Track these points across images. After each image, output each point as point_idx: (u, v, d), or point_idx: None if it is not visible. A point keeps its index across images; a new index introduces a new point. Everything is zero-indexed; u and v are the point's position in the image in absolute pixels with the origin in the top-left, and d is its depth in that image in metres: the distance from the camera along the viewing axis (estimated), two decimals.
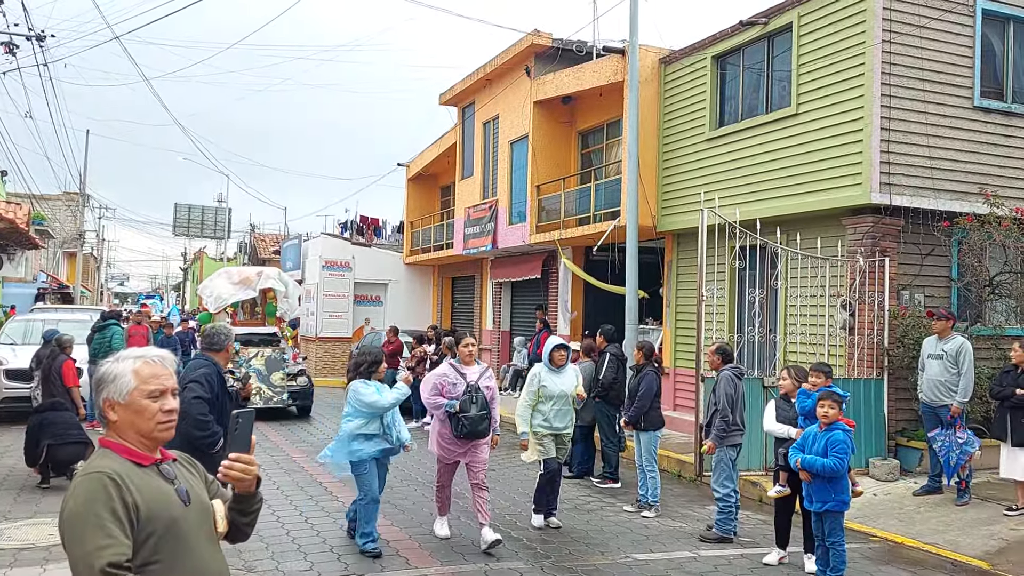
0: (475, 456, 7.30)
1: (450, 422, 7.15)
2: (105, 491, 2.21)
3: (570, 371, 8.08)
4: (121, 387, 2.40)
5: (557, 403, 7.90)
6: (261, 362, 15.40)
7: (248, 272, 17.19)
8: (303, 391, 15.65)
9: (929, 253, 10.70)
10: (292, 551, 6.99)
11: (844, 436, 6.22)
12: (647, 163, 13.88)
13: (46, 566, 6.26)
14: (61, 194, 41.59)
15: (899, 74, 10.32)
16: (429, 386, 7.25)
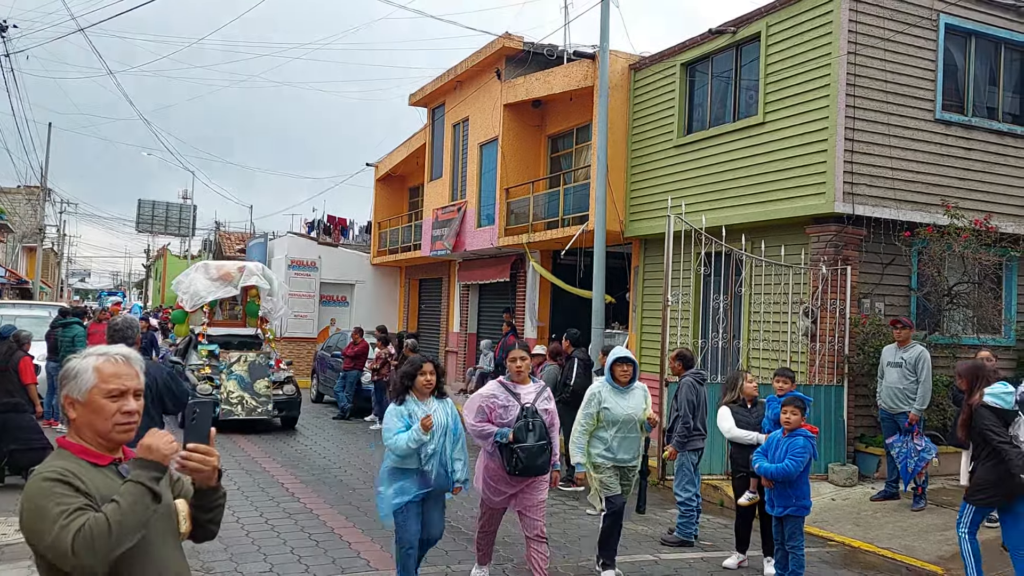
0: (530, 498, 5.92)
1: (501, 455, 5.79)
2: (60, 486, 2.19)
3: (638, 391, 6.59)
4: (81, 384, 2.34)
5: (622, 429, 6.47)
6: (243, 368, 14.01)
7: (229, 267, 15.42)
8: (290, 401, 14.12)
9: (890, 263, 10.88)
10: (252, 552, 6.92)
11: (805, 442, 6.30)
12: (616, 168, 13.96)
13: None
14: (21, 187, 40.81)
15: (863, 86, 10.48)
16: (474, 409, 5.89)
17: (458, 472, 5.67)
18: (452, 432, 5.67)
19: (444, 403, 5.73)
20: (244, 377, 13.85)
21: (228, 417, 13.30)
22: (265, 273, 15.51)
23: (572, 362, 10.31)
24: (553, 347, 11.11)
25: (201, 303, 14.83)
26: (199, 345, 14.44)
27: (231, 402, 13.55)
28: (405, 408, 5.61)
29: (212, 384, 13.54)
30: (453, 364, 21.34)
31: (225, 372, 13.80)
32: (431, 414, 5.48)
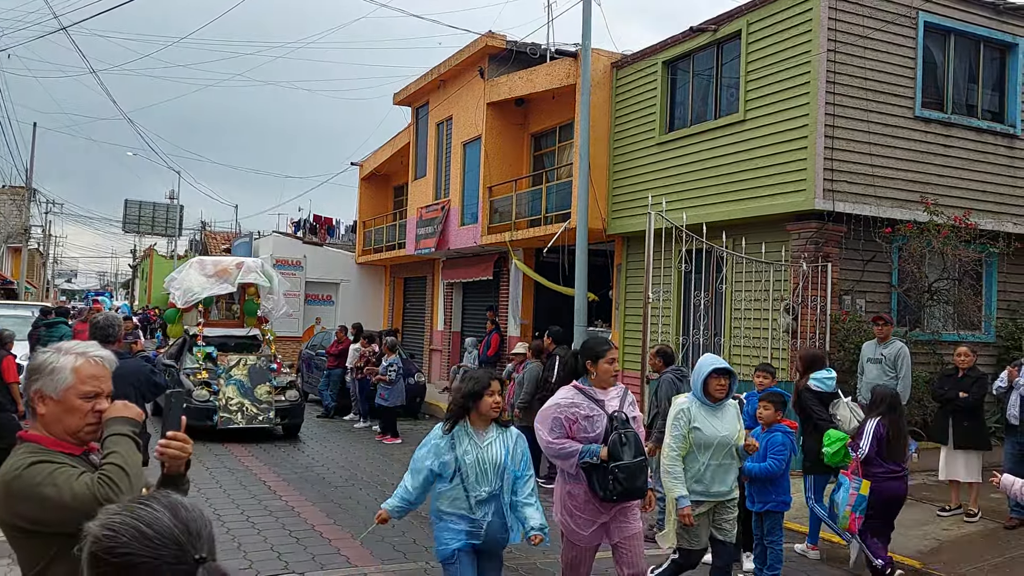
0: (626, 526, 4.91)
1: (589, 478, 4.70)
2: (46, 464, 2.23)
3: (731, 408, 5.48)
4: (57, 382, 2.33)
5: (716, 455, 5.32)
6: (243, 372, 13.00)
7: (226, 263, 14.38)
8: (293, 407, 13.08)
9: (871, 259, 10.94)
10: (232, 549, 6.89)
11: (784, 438, 6.34)
12: (598, 166, 13.97)
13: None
14: (6, 188, 40.50)
15: (843, 83, 10.53)
16: (548, 423, 4.74)
17: (532, 519, 4.41)
18: (513, 472, 4.44)
19: (505, 434, 4.50)
20: (244, 382, 12.86)
21: (227, 426, 12.33)
22: (264, 270, 14.52)
23: (554, 360, 10.31)
24: (535, 344, 11.11)
25: (195, 300, 13.77)
26: (195, 347, 13.48)
27: (230, 409, 12.52)
28: (451, 440, 4.40)
29: (209, 390, 12.59)
30: (438, 362, 21.32)
31: (224, 376, 12.83)
32: (383, 510, 4.49)
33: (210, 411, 12.21)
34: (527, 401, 10.36)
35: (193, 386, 12.47)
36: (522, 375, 10.67)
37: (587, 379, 4.85)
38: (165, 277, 18.28)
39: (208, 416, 12.12)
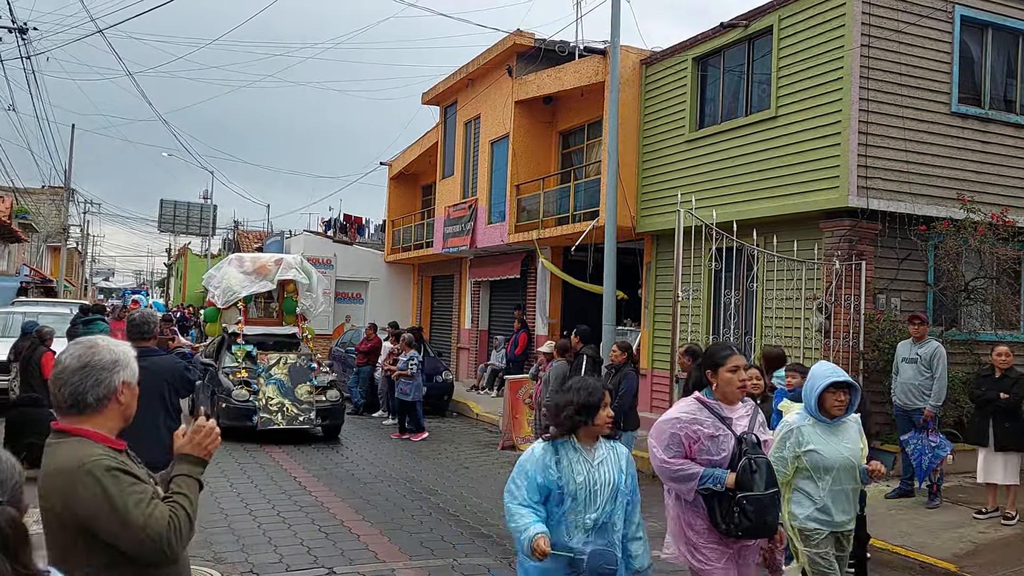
0: (744, 571, 4.20)
1: (710, 507, 4.06)
2: (123, 475, 2.25)
3: (851, 425, 4.73)
4: (134, 370, 2.43)
5: (839, 479, 4.59)
6: (283, 371, 12.68)
7: (264, 260, 14.05)
8: (334, 408, 12.64)
9: (906, 257, 10.76)
10: (263, 543, 6.94)
11: None
12: (627, 164, 13.89)
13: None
14: (45, 188, 41.23)
15: (877, 79, 10.37)
16: (665, 438, 4.11)
17: (638, 558, 3.84)
18: (624, 493, 3.77)
19: (614, 448, 3.84)
20: (284, 382, 12.52)
21: (267, 427, 12.01)
22: (304, 267, 14.12)
23: (580, 359, 10.27)
24: (561, 343, 11.08)
25: (235, 299, 13.46)
26: (234, 345, 13.23)
27: (270, 409, 12.16)
28: (554, 455, 3.71)
29: (249, 389, 12.29)
30: (465, 361, 21.35)
31: (263, 376, 12.50)
32: (540, 536, 3.52)
33: (250, 411, 12.01)
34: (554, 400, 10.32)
35: (232, 386, 12.29)
36: (548, 373, 10.64)
37: (710, 391, 4.17)
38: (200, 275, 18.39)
39: (248, 416, 11.97)
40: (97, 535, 2.19)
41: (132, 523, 2.18)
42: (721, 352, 4.23)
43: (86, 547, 2.20)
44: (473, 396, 17.70)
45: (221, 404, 12.07)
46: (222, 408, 12.01)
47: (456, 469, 10.64)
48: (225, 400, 12.11)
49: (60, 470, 2.23)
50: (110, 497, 2.18)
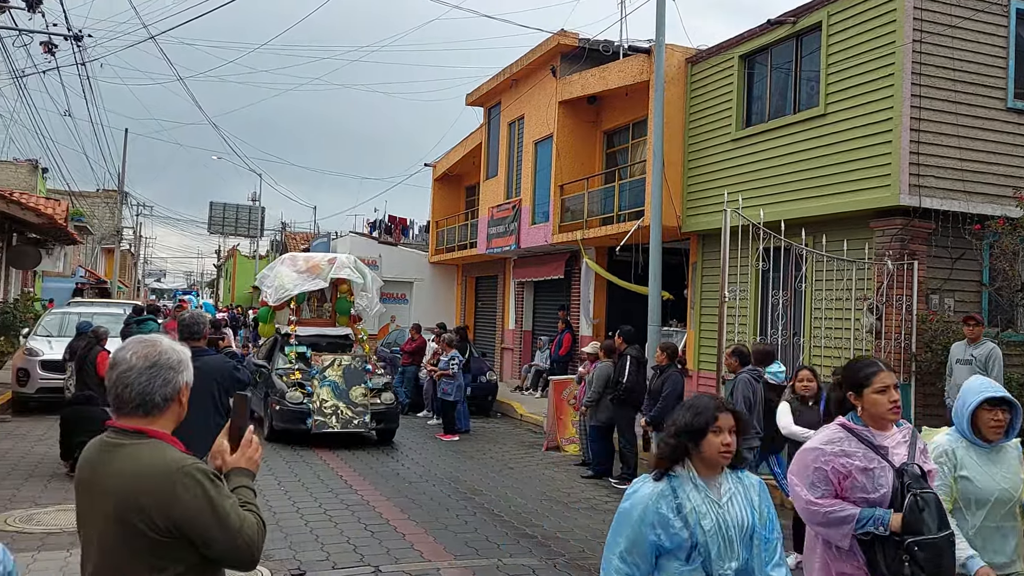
0: None
1: (870, 556, 3.35)
2: (218, 481, 2.26)
3: (1011, 452, 3.89)
4: (192, 371, 2.41)
5: (993, 514, 3.79)
6: (338, 374, 12.34)
7: (317, 259, 13.79)
8: (389, 412, 12.24)
9: (960, 257, 10.52)
10: (310, 541, 7.04)
11: None
12: (672, 163, 13.80)
13: (72, 551, 6.35)
14: (100, 191, 42.31)
15: (930, 74, 10.16)
16: (809, 474, 3.43)
17: None
18: (762, 535, 3.02)
19: (742, 479, 3.09)
20: (338, 384, 12.17)
21: (322, 430, 11.67)
22: (357, 266, 13.74)
23: (624, 360, 10.23)
24: (607, 344, 11.03)
25: (287, 297, 13.18)
26: (287, 346, 12.92)
27: (324, 413, 11.81)
28: (673, 499, 2.92)
29: (303, 391, 11.97)
30: (509, 361, 21.40)
31: (318, 378, 12.17)
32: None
33: (304, 414, 11.72)
34: (594, 400, 10.34)
35: (286, 388, 11.99)
36: (591, 374, 10.63)
37: (856, 415, 3.50)
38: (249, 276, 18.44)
39: (302, 419, 11.69)
40: (187, 537, 2.17)
41: (230, 527, 2.19)
42: (865, 370, 3.50)
43: (171, 550, 2.18)
44: (517, 397, 17.73)
45: (275, 406, 11.87)
46: (276, 411, 11.82)
47: (500, 469, 10.67)
48: (279, 402, 11.87)
49: (152, 471, 2.17)
50: (211, 500, 2.17)
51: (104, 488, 2.20)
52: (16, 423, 12.54)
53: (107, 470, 2.21)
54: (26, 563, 6.11)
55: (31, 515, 7.45)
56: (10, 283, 24.24)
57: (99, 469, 2.24)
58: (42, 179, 32.19)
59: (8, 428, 11.83)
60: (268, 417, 12.06)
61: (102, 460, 2.24)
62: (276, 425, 11.82)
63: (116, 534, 2.18)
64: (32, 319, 18.23)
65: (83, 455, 2.32)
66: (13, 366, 14.20)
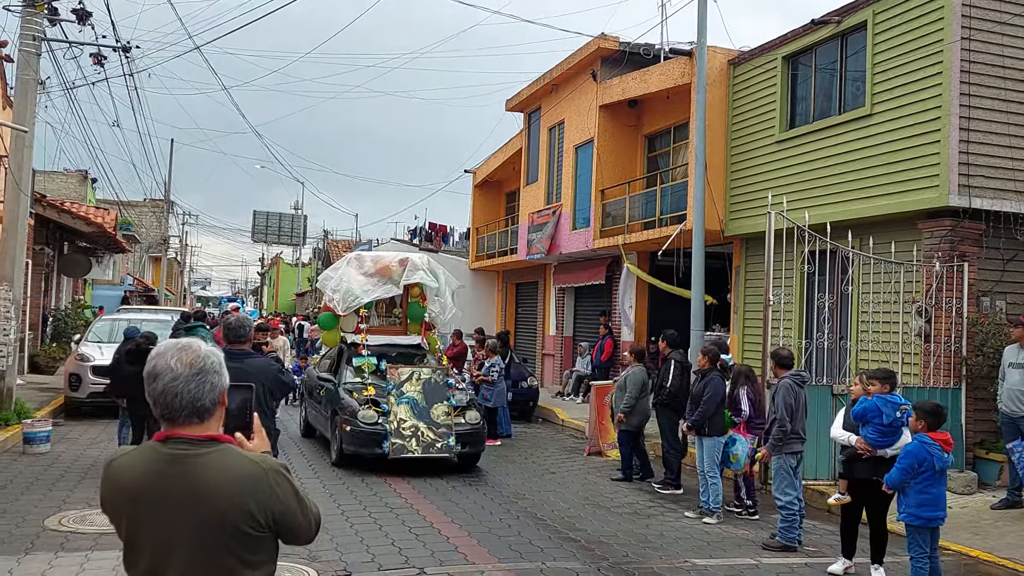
0: None
1: None
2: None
3: None
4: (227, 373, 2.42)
5: None
6: (417, 389, 10.64)
7: (387, 260, 12.23)
8: (474, 433, 10.57)
9: (1012, 258, 10.28)
10: (355, 543, 7.10)
11: (916, 447, 5.95)
12: (715, 166, 13.68)
13: None
14: (147, 201, 43.20)
15: (979, 72, 9.96)
16: None
17: None
18: None
19: None
20: (418, 401, 10.51)
21: (400, 455, 10.07)
22: (431, 267, 12.37)
23: (668, 364, 10.16)
24: (637, 348, 11.07)
25: (356, 305, 11.64)
26: (355, 358, 11.33)
27: (403, 434, 10.18)
28: None
29: (378, 410, 10.36)
30: (550, 367, 21.36)
31: (394, 394, 10.51)
32: None
33: (379, 437, 10.11)
34: (631, 405, 10.29)
35: (358, 406, 10.40)
36: (623, 379, 10.57)
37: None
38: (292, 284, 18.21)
39: (377, 442, 10.08)
40: (280, 529, 2.30)
41: (310, 512, 2.37)
42: None
43: (264, 543, 2.28)
44: (559, 403, 17.69)
45: (345, 427, 10.23)
46: (346, 432, 10.21)
47: (542, 474, 10.65)
48: (349, 423, 10.23)
49: (249, 476, 2.24)
50: (297, 492, 2.32)
51: (197, 497, 2.20)
52: (69, 427, 12.84)
53: (197, 480, 2.20)
54: (80, 562, 6.25)
55: (84, 515, 7.61)
56: (62, 291, 24.89)
57: (179, 481, 2.21)
58: (91, 189, 33.00)
59: (61, 432, 12.10)
60: (336, 439, 10.51)
61: (178, 471, 2.22)
62: (347, 449, 10.24)
63: (214, 537, 2.21)
64: (83, 326, 18.67)
65: (136, 469, 2.26)
66: (65, 371, 14.53)
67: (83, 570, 6.11)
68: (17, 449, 10.65)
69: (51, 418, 11.99)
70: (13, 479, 9.07)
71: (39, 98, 13.51)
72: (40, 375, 18.09)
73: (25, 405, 12.32)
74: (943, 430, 5.98)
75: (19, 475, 9.29)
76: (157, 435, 2.30)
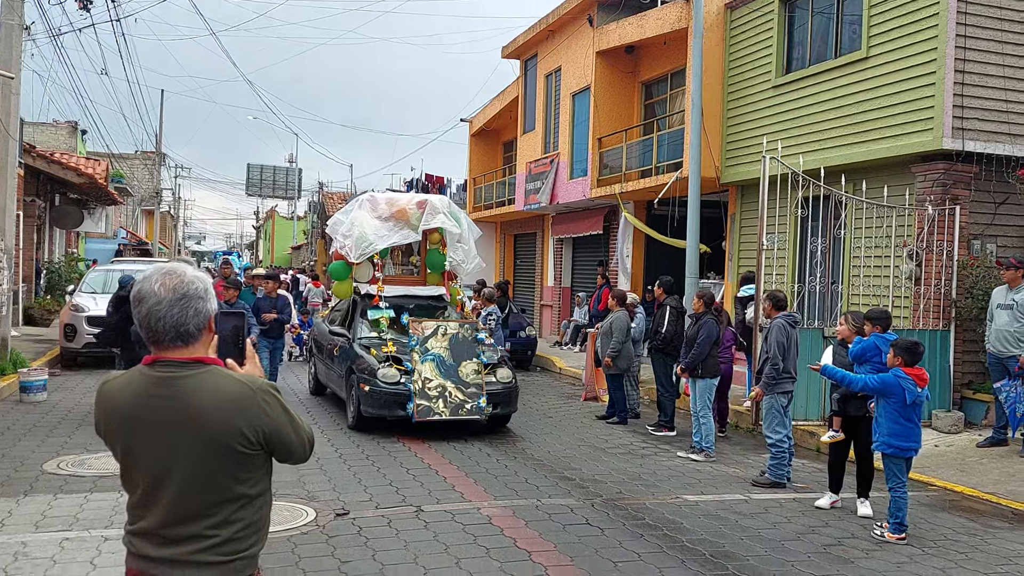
0: None
1: None
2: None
3: None
4: (215, 300, 2.44)
5: None
6: (443, 345, 9.69)
7: (403, 202, 11.06)
8: (507, 392, 9.72)
9: (1003, 202, 10.31)
10: (353, 483, 7.25)
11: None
12: (711, 113, 13.62)
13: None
14: (138, 153, 42.91)
15: (976, 13, 9.88)
16: None
17: None
18: None
19: None
20: (445, 358, 9.60)
21: (426, 417, 9.23)
22: (452, 211, 11.22)
23: (664, 310, 10.26)
24: (618, 292, 11.25)
25: (371, 252, 10.68)
26: (371, 311, 10.44)
27: (429, 395, 9.33)
28: None
29: (400, 368, 9.50)
30: (548, 317, 21.49)
31: (418, 350, 9.58)
32: None
33: (403, 397, 9.26)
34: (617, 350, 10.42)
35: (377, 364, 9.52)
36: (609, 324, 10.68)
37: None
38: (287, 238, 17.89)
39: (400, 404, 9.25)
40: (271, 446, 2.34)
41: (302, 429, 2.41)
42: None
43: (255, 460, 2.32)
44: (557, 352, 17.85)
45: (363, 387, 9.36)
46: (365, 393, 9.33)
47: (540, 419, 10.81)
48: (368, 382, 9.35)
49: (239, 395, 2.27)
50: (287, 410, 2.36)
51: (188, 417, 2.23)
52: (65, 376, 12.96)
53: (187, 401, 2.24)
54: (79, 503, 6.40)
55: (83, 460, 7.76)
56: (54, 244, 24.85)
57: (169, 402, 2.24)
58: (81, 141, 32.73)
59: (58, 381, 12.22)
60: (353, 401, 9.65)
61: (168, 393, 2.25)
62: (365, 411, 9.39)
63: (208, 456, 2.24)
64: (77, 279, 18.70)
65: (127, 392, 2.30)
66: (61, 322, 14.58)
67: (82, 510, 6.25)
68: (14, 398, 10.77)
69: (47, 368, 12.09)
70: (11, 426, 9.20)
71: (24, 45, 13.36)
72: (35, 327, 18.17)
73: (21, 356, 12.41)
74: (920, 366, 6.21)
75: (16, 422, 9.42)
76: (145, 359, 2.33)
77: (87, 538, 5.65)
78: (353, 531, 5.96)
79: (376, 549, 5.59)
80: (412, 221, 10.85)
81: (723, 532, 6.16)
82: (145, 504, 2.31)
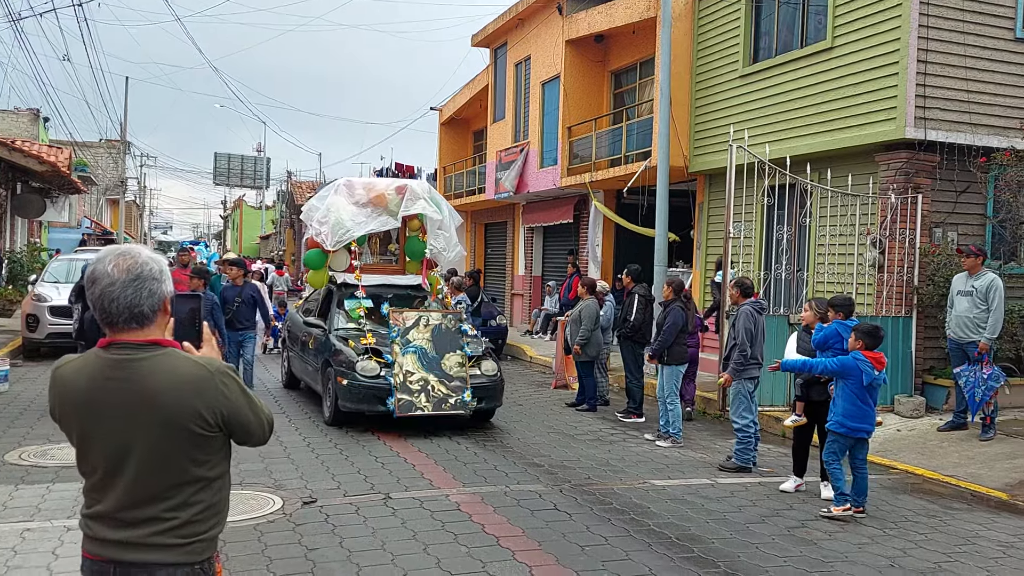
0: None
1: None
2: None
3: None
4: (171, 281, 2.41)
5: None
6: (425, 337, 9.31)
7: (381, 187, 10.68)
8: (492, 386, 9.37)
9: (964, 190, 10.49)
10: (321, 472, 7.23)
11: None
12: (679, 102, 13.69)
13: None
14: (102, 141, 42.22)
15: (938, 4, 10.01)
16: None
17: None
18: None
19: None
20: (427, 350, 9.20)
21: (408, 412, 8.82)
22: (433, 196, 10.78)
23: (632, 298, 10.32)
24: (587, 280, 11.27)
25: (348, 239, 10.27)
26: (348, 300, 10.10)
27: (410, 389, 8.93)
28: None
29: (380, 361, 9.06)
30: (519, 306, 21.53)
31: (399, 342, 9.17)
32: None
33: (382, 391, 8.85)
34: (587, 337, 10.47)
35: (355, 356, 9.10)
36: (578, 312, 10.73)
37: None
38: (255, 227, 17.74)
39: (380, 399, 8.83)
40: (230, 428, 2.33)
41: (261, 411, 2.40)
42: None
43: (213, 442, 2.31)
44: (528, 340, 17.88)
45: (341, 380, 8.94)
46: (343, 386, 8.91)
47: (510, 407, 10.81)
48: (347, 375, 8.93)
49: (196, 377, 2.26)
50: (245, 392, 2.35)
51: (144, 400, 2.21)
52: (27, 367, 12.75)
53: (143, 383, 2.22)
54: (41, 494, 6.31)
55: (45, 450, 7.65)
56: (16, 234, 24.40)
57: (125, 385, 2.22)
58: (44, 129, 32.14)
59: (20, 372, 12.04)
60: (330, 394, 9.24)
61: (124, 376, 2.23)
62: (343, 406, 8.97)
63: (165, 438, 2.23)
64: (39, 269, 18.39)
65: (83, 375, 2.27)
66: (23, 312, 14.31)
67: (44, 501, 6.17)
68: None
69: (9, 359, 11.87)
70: None
71: None
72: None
73: None
74: (881, 351, 6.38)
75: None
76: (101, 341, 2.29)
77: (49, 528, 5.58)
78: (320, 519, 5.95)
79: (343, 536, 5.58)
80: (391, 207, 10.46)
81: (689, 516, 6.24)
82: (102, 487, 2.27)
